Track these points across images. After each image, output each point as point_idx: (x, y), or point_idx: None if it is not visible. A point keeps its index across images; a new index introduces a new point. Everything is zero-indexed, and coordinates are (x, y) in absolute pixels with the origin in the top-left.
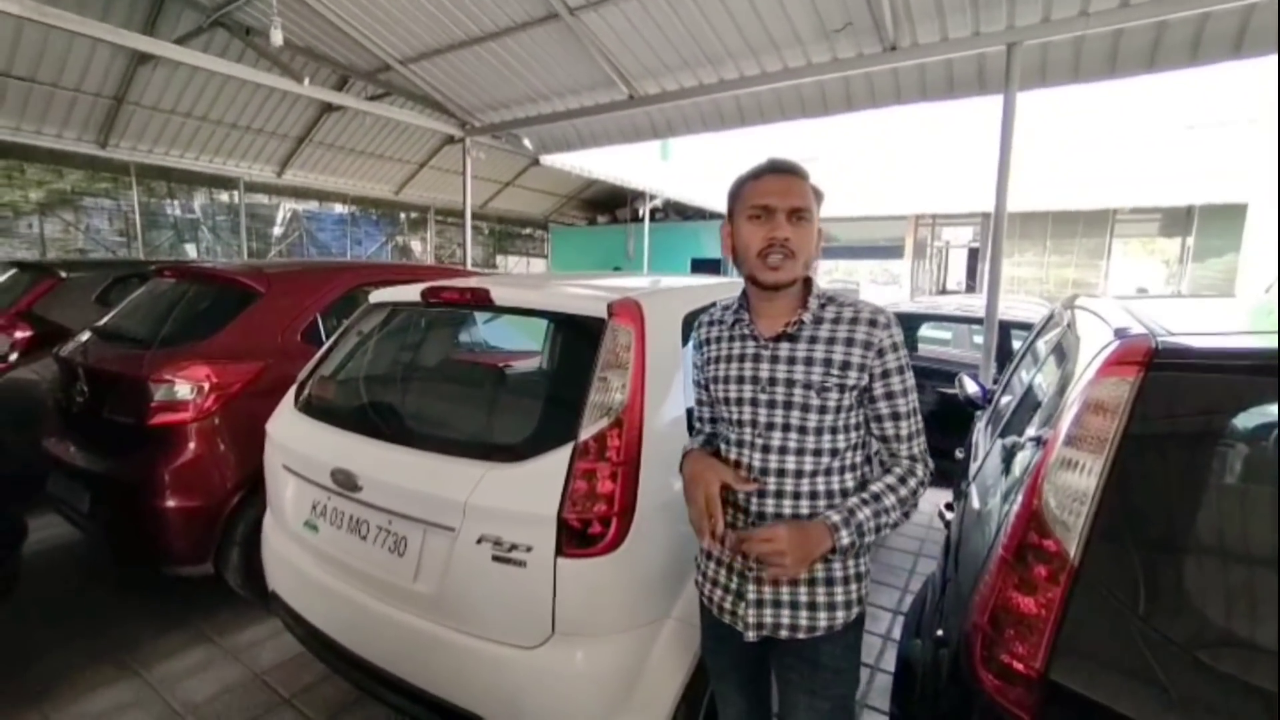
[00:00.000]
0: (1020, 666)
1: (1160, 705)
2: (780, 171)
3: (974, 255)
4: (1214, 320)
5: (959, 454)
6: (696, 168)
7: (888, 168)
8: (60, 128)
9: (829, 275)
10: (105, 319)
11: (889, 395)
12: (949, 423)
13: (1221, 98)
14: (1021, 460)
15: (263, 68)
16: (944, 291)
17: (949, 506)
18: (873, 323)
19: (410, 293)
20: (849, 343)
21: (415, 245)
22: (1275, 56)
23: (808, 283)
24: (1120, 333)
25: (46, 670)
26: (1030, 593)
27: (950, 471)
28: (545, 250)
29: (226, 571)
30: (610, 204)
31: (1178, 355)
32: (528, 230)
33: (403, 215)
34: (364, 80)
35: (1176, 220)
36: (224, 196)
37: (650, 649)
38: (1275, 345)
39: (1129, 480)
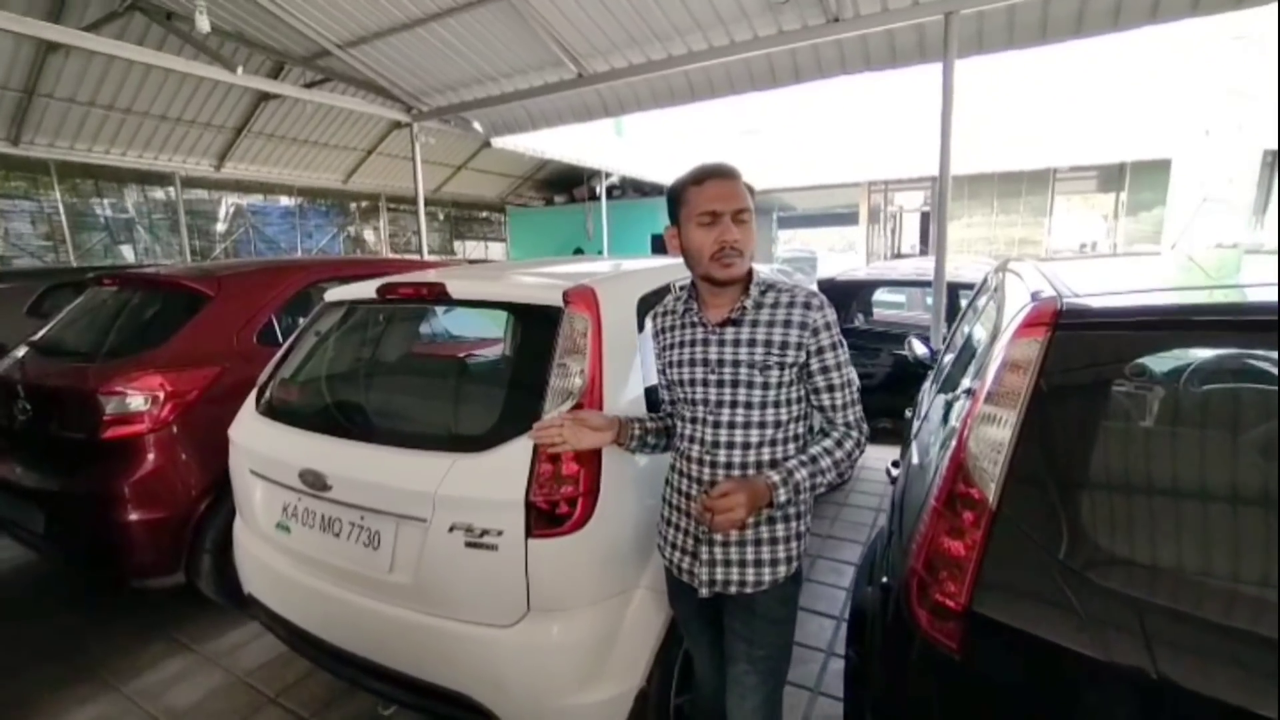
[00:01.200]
0: (950, 603)
1: (1070, 626)
2: (721, 176)
3: (926, 219)
4: (1128, 279)
5: (908, 413)
6: (652, 143)
7: (840, 136)
8: None
9: (788, 244)
10: (43, 332)
11: (824, 370)
12: (904, 384)
13: (1153, 57)
14: (952, 417)
15: (189, 55)
16: (899, 256)
17: (895, 464)
18: (807, 306)
19: (366, 289)
20: (786, 325)
21: (369, 235)
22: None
23: (749, 272)
24: (1035, 295)
25: (20, 693)
26: (957, 536)
27: (902, 431)
28: (504, 234)
29: (199, 579)
30: (567, 183)
31: (1080, 315)
32: (484, 214)
33: (353, 204)
34: (301, 66)
35: (1111, 177)
36: (159, 193)
37: (622, 617)
38: (1173, 301)
39: (1038, 430)
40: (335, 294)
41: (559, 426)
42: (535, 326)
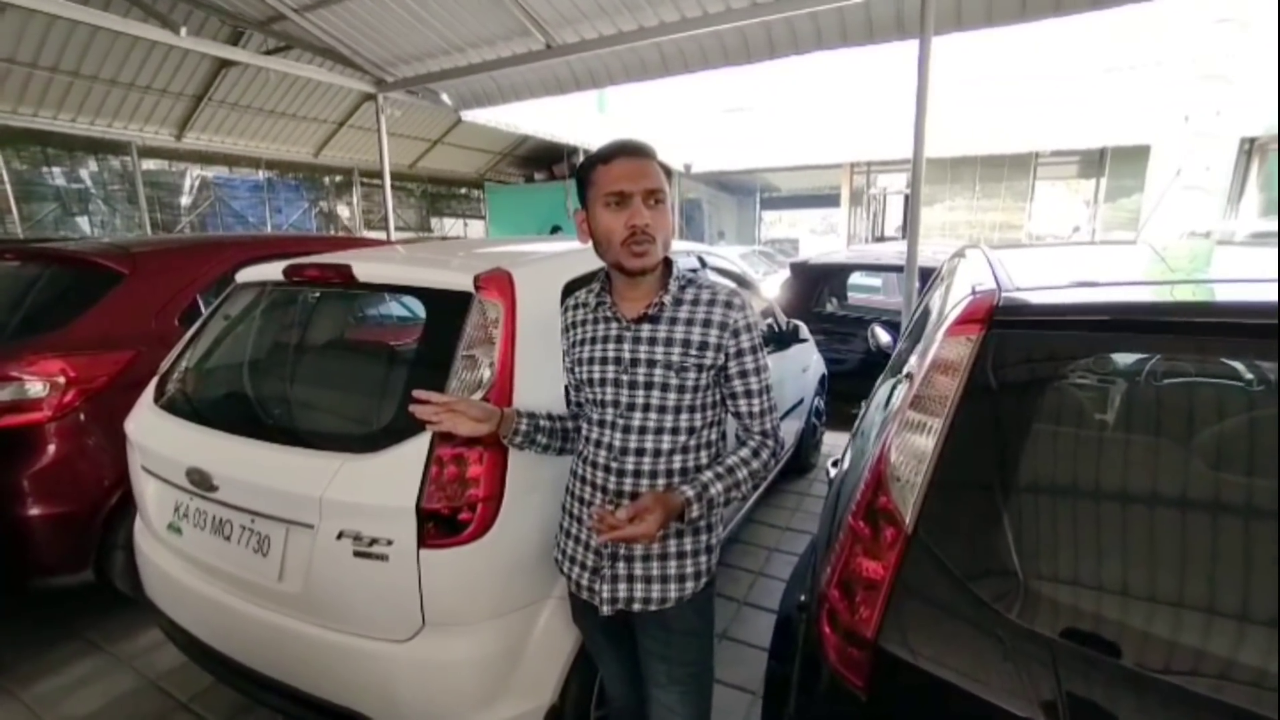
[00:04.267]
0: (857, 634)
1: (984, 671)
2: (631, 154)
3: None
4: (1082, 270)
5: (862, 404)
6: (634, 120)
7: (823, 116)
8: None
9: (772, 226)
10: None
11: (742, 374)
12: (873, 373)
13: (1135, 41)
14: (883, 421)
15: (136, 17)
16: (881, 239)
17: (834, 463)
18: (728, 305)
19: (274, 270)
20: (706, 324)
21: (342, 210)
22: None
23: (667, 264)
24: (974, 288)
25: None
26: (874, 557)
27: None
28: (483, 211)
29: (113, 576)
30: (547, 160)
31: (1018, 311)
32: (463, 190)
33: (326, 179)
34: (259, 31)
35: (1091, 162)
36: (116, 163)
37: (530, 631)
38: (1122, 298)
39: (965, 441)
40: (245, 274)
41: (435, 408)
42: (443, 314)
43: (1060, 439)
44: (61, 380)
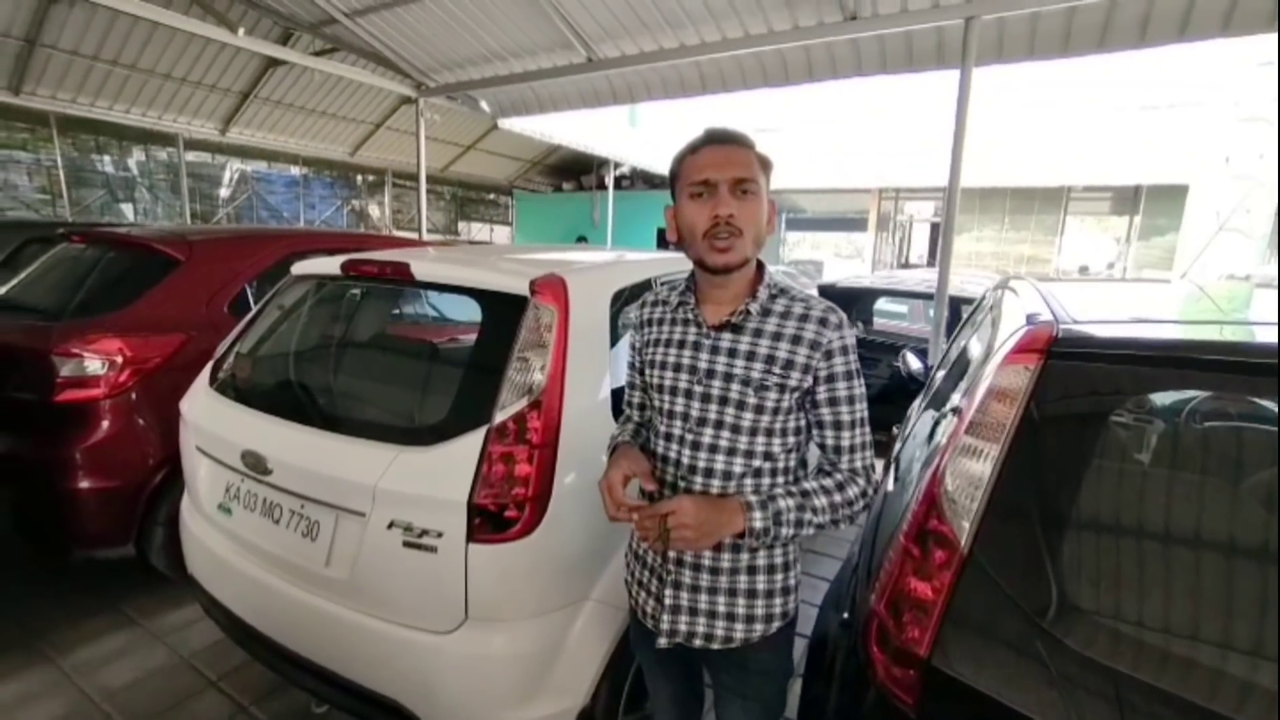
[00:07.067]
0: (909, 653)
1: (1039, 696)
2: (720, 142)
3: (936, 230)
4: (1134, 306)
5: (895, 430)
6: (665, 135)
7: (852, 140)
8: None
9: (795, 247)
10: (6, 288)
11: (833, 402)
12: (901, 398)
13: (1175, 80)
14: (933, 445)
15: (196, 15)
16: (905, 265)
17: None
18: (823, 322)
19: (331, 265)
20: (795, 340)
21: (373, 210)
22: (1231, 42)
23: (760, 269)
24: (1030, 318)
25: None
26: (925, 578)
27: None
28: (510, 217)
29: (151, 553)
30: (576, 170)
31: (1078, 343)
32: (491, 196)
33: (359, 178)
34: (309, 33)
35: (1125, 199)
36: (163, 154)
37: (568, 632)
38: (1178, 336)
39: (1023, 468)
40: (301, 267)
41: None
42: (499, 315)
43: (1120, 471)
44: (119, 359)
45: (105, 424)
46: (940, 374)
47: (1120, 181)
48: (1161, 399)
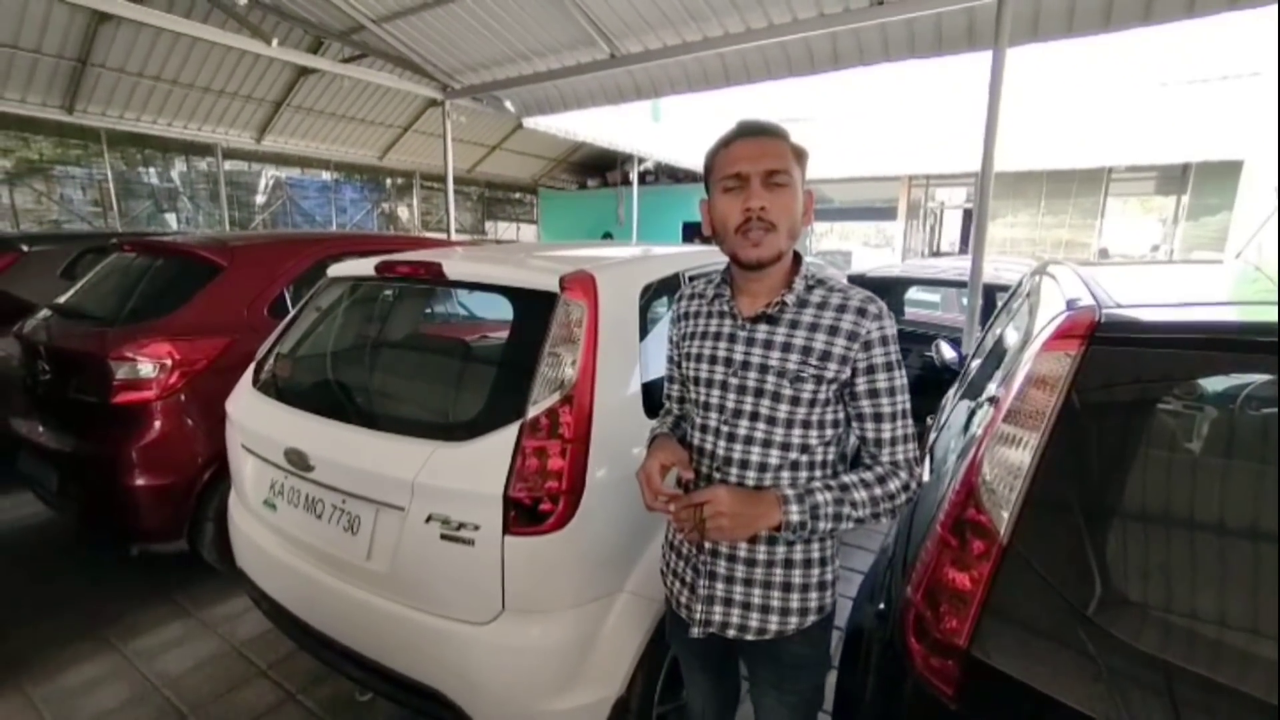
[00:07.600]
0: (948, 642)
1: (1084, 685)
2: (752, 134)
3: (969, 216)
4: (1180, 289)
5: (929, 420)
6: (688, 129)
7: (881, 127)
8: (23, 92)
9: (823, 237)
10: (66, 296)
11: (872, 393)
12: (933, 389)
13: (1223, 51)
14: (970, 434)
15: (231, 29)
16: (937, 253)
17: None
18: (861, 312)
19: (365, 266)
20: (833, 331)
21: (402, 212)
22: (1275, 9)
23: (797, 259)
24: (1070, 304)
25: (22, 646)
26: (963, 568)
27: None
28: (535, 216)
29: (202, 546)
30: (600, 167)
31: (1120, 328)
32: (517, 195)
33: (388, 181)
34: (338, 41)
35: (1172, 178)
36: (202, 164)
37: (603, 622)
38: (1233, 318)
39: (1063, 456)
40: (337, 269)
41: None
42: (530, 312)
43: (1169, 461)
44: (169, 362)
45: (158, 424)
46: (975, 363)
47: (1166, 160)
48: (1213, 385)
